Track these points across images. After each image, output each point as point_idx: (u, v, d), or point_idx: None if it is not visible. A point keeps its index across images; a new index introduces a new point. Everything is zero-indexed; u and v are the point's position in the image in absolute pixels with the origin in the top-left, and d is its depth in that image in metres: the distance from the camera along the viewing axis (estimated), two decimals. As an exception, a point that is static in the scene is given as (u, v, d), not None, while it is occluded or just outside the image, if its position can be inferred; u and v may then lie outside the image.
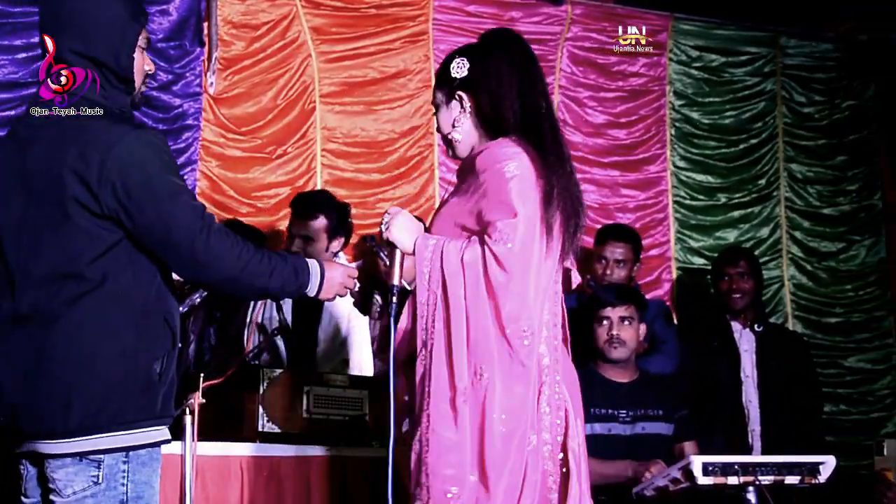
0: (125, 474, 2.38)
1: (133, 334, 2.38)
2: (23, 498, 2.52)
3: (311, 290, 2.60)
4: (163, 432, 2.45)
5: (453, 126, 2.64)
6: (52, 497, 2.40)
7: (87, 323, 2.35)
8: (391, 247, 2.58)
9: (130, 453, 2.38)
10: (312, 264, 2.61)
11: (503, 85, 2.58)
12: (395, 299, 2.53)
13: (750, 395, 4.73)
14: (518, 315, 2.46)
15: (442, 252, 2.49)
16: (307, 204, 4.21)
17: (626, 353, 3.90)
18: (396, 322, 2.53)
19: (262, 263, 2.49)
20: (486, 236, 2.47)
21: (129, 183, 2.35)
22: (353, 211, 4.50)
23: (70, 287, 2.35)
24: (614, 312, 3.90)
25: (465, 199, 2.60)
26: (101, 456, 2.36)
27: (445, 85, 2.65)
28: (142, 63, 2.55)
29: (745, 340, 4.80)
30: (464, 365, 2.45)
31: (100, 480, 2.36)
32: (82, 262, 2.36)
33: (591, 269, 4.61)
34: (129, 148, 2.37)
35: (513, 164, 2.49)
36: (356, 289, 2.72)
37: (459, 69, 2.61)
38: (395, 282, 2.54)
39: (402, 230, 2.57)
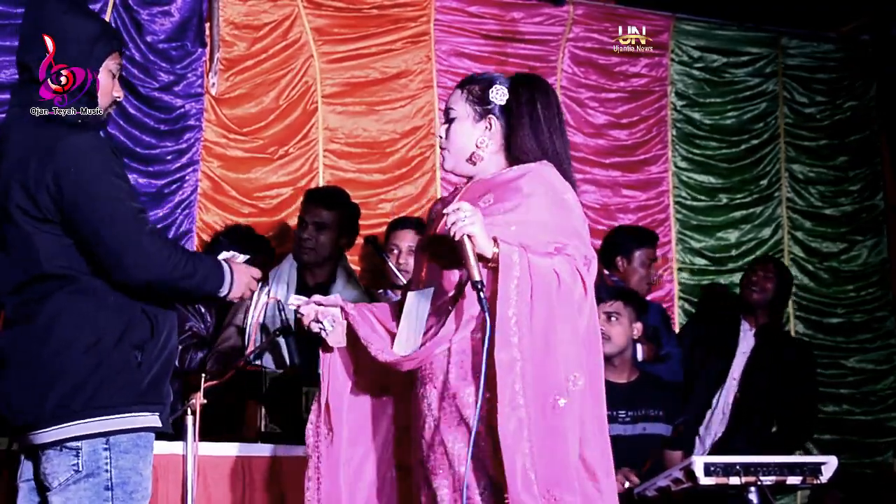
0: (107, 461, 2.39)
1: (107, 325, 2.41)
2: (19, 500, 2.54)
3: (223, 291, 2.61)
4: (147, 418, 2.45)
5: (477, 145, 2.73)
6: (47, 494, 2.43)
7: (60, 316, 2.40)
8: (460, 242, 2.51)
9: (110, 439, 2.39)
10: (224, 265, 2.62)
11: (544, 123, 2.72)
12: (482, 293, 2.49)
13: (729, 397, 4.73)
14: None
15: (529, 261, 2.53)
16: (325, 194, 4.38)
17: (613, 349, 3.90)
18: (492, 316, 2.49)
19: (188, 265, 2.49)
20: (566, 254, 2.59)
21: (63, 183, 2.39)
22: (356, 211, 4.51)
23: (41, 287, 2.42)
24: (599, 309, 3.90)
25: (509, 216, 2.63)
26: (79, 443, 2.38)
27: (478, 104, 2.74)
28: (110, 87, 2.58)
29: (745, 342, 4.81)
30: (560, 372, 2.51)
31: (80, 468, 2.38)
32: (44, 263, 2.41)
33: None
34: (66, 149, 2.40)
35: (570, 195, 2.68)
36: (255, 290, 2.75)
37: (499, 96, 2.73)
38: (477, 277, 2.50)
39: (482, 230, 2.53)
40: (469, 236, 2.49)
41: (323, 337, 2.77)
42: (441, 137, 2.79)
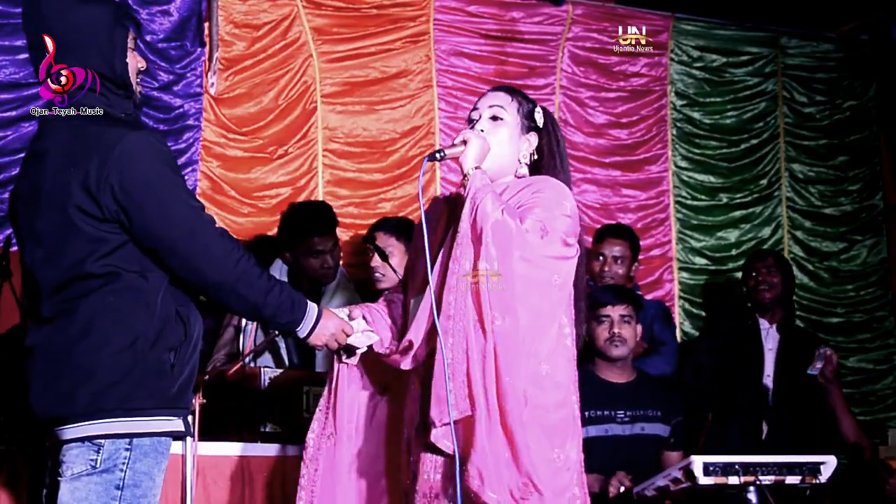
0: (126, 461, 2.39)
1: (144, 326, 2.40)
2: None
3: (303, 331, 2.61)
4: (172, 423, 2.45)
5: (520, 160, 2.82)
6: (58, 479, 2.43)
7: (97, 315, 2.39)
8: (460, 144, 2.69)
9: (134, 441, 2.40)
10: (312, 306, 2.62)
11: (564, 154, 2.88)
12: (438, 157, 2.67)
13: (769, 396, 4.72)
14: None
15: (490, 194, 2.57)
16: (323, 222, 4.28)
17: (626, 351, 3.92)
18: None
19: (261, 279, 2.50)
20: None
21: (127, 183, 2.39)
22: (355, 211, 4.51)
23: (80, 286, 2.41)
24: (615, 311, 3.92)
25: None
26: (103, 441, 2.38)
27: (526, 119, 2.84)
28: (134, 63, 2.58)
29: (770, 339, 4.78)
30: (489, 307, 2.50)
31: (97, 465, 2.38)
32: (89, 263, 2.40)
33: (588, 268, 4.61)
34: (128, 149, 2.40)
35: (570, 202, 2.72)
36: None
37: (539, 118, 2.85)
38: (440, 149, 2.69)
39: (478, 150, 2.67)
40: (465, 141, 2.66)
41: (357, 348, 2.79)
42: (482, 130, 2.77)
